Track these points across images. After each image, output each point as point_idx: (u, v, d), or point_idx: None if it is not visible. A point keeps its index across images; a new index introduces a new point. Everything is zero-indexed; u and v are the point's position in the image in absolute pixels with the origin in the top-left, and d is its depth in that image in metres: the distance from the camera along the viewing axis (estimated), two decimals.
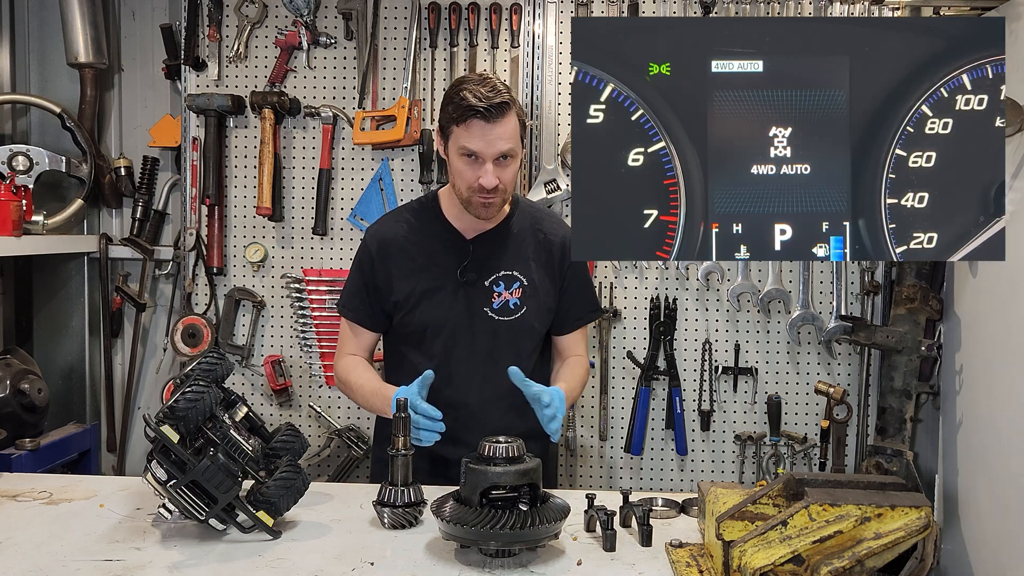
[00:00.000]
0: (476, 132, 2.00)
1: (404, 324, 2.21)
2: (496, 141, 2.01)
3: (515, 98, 2.07)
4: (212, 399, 1.74)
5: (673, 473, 3.07)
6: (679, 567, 1.62)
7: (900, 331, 2.76)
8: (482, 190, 2.04)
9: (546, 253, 2.23)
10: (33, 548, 1.69)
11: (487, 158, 2.02)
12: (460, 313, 2.17)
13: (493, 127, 2.00)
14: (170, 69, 3.13)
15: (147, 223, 3.20)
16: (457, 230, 2.20)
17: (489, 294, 2.17)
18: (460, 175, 2.07)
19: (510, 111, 2.02)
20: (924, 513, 1.46)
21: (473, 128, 2.00)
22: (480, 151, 2.01)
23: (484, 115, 1.98)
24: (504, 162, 2.04)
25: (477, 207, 2.09)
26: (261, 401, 3.11)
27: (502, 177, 2.05)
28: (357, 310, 2.24)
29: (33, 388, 2.83)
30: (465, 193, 2.08)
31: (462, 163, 2.05)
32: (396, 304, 2.20)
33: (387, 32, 3.04)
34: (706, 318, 3.01)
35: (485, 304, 2.17)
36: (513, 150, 2.05)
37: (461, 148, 2.04)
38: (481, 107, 1.97)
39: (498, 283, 2.18)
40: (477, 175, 2.03)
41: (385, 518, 1.81)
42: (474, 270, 2.17)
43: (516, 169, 2.11)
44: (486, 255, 2.19)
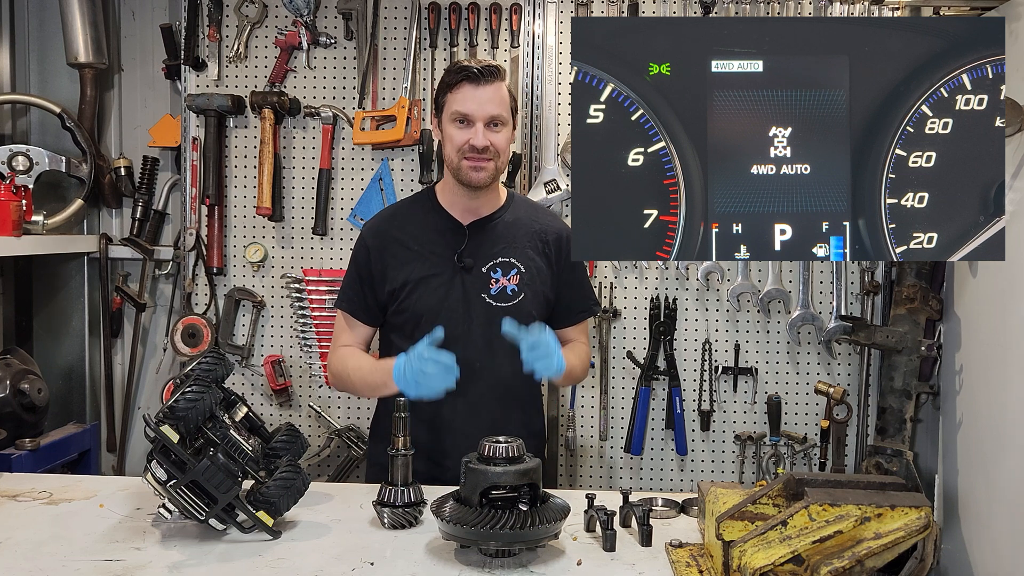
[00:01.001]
0: (467, 94, 2.08)
1: (400, 312, 2.19)
2: (486, 104, 2.08)
3: (506, 73, 2.17)
4: (212, 399, 1.74)
5: (673, 473, 3.07)
6: (679, 567, 1.62)
7: (900, 331, 2.76)
8: (472, 150, 2.09)
9: (542, 243, 2.24)
10: (33, 548, 1.69)
11: (478, 119, 2.08)
12: (457, 299, 2.16)
13: (484, 89, 2.08)
14: (170, 69, 3.13)
15: (147, 223, 3.19)
16: (453, 217, 2.21)
17: (487, 280, 2.17)
18: (451, 140, 2.12)
19: (499, 79, 2.11)
20: (924, 513, 1.46)
21: (464, 91, 2.08)
22: (471, 112, 2.08)
23: (475, 78, 2.07)
24: (495, 128, 2.10)
25: (467, 171, 2.11)
26: (261, 401, 3.11)
27: (493, 140, 2.10)
28: (351, 301, 2.24)
29: (33, 388, 2.83)
30: (455, 158, 2.12)
31: (453, 129, 2.11)
32: (392, 293, 2.19)
33: (387, 32, 3.04)
34: (706, 318, 3.01)
35: (483, 290, 2.17)
36: (503, 117, 2.11)
37: (453, 113, 2.10)
38: (473, 69, 2.07)
39: (495, 269, 2.18)
40: (467, 137, 2.09)
41: (385, 518, 1.81)
42: (471, 255, 2.18)
43: (507, 138, 2.15)
44: (482, 241, 2.19)
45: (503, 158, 2.15)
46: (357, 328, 2.26)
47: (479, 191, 2.17)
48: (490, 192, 2.21)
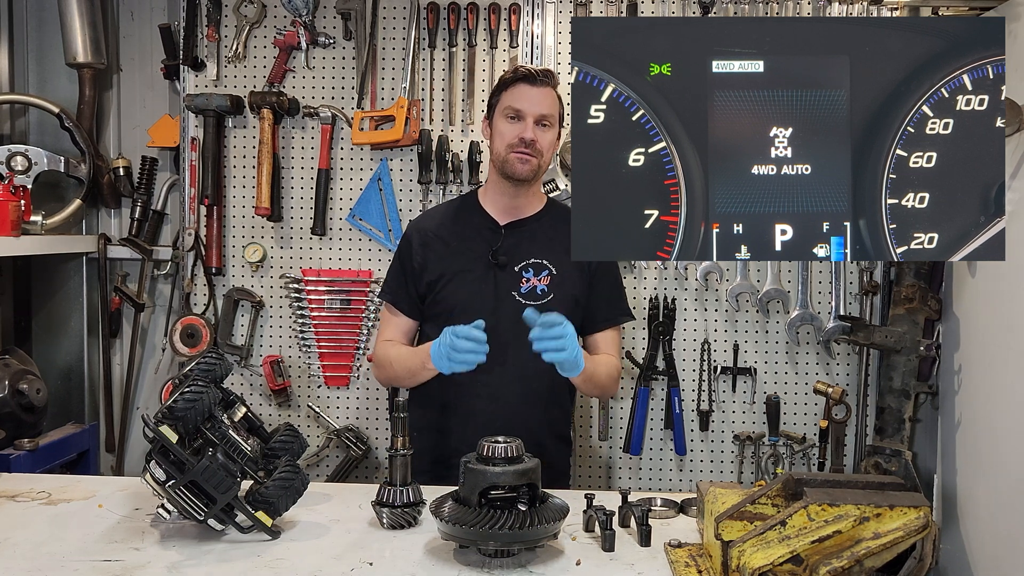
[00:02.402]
0: (522, 93, 2.21)
1: (434, 303, 2.28)
2: (540, 101, 2.21)
3: (559, 82, 2.29)
4: (211, 399, 1.74)
5: (672, 473, 3.07)
6: (678, 567, 1.62)
7: (899, 331, 2.76)
8: (521, 143, 2.19)
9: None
10: (32, 548, 1.69)
11: (529, 115, 2.20)
12: (488, 295, 2.24)
13: (538, 90, 2.21)
14: (169, 69, 3.12)
15: (146, 223, 3.19)
16: (492, 216, 2.31)
17: (518, 279, 2.25)
18: (501, 135, 2.23)
19: (553, 83, 2.24)
20: (923, 513, 1.46)
21: (520, 89, 2.21)
22: (524, 109, 2.20)
23: (531, 79, 2.21)
24: (544, 127, 2.22)
25: (514, 163, 2.21)
26: (260, 401, 3.11)
27: (540, 138, 2.21)
28: (394, 292, 2.35)
29: (32, 388, 2.82)
30: (503, 152, 2.22)
31: (505, 124, 2.23)
32: (429, 284, 2.28)
33: (386, 32, 3.04)
34: (705, 318, 3.01)
35: (513, 288, 2.25)
36: (552, 118, 2.24)
37: (506, 109, 2.22)
38: (531, 70, 2.22)
39: (527, 269, 2.26)
40: (518, 131, 2.20)
41: (384, 518, 1.81)
42: (505, 254, 2.26)
43: (553, 140, 2.27)
44: (518, 241, 2.28)
45: (546, 158, 2.25)
46: (399, 319, 2.34)
47: (520, 188, 2.27)
48: (530, 193, 2.31)
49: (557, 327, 2.03)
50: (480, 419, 2.19)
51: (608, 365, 2.30)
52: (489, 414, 2.21)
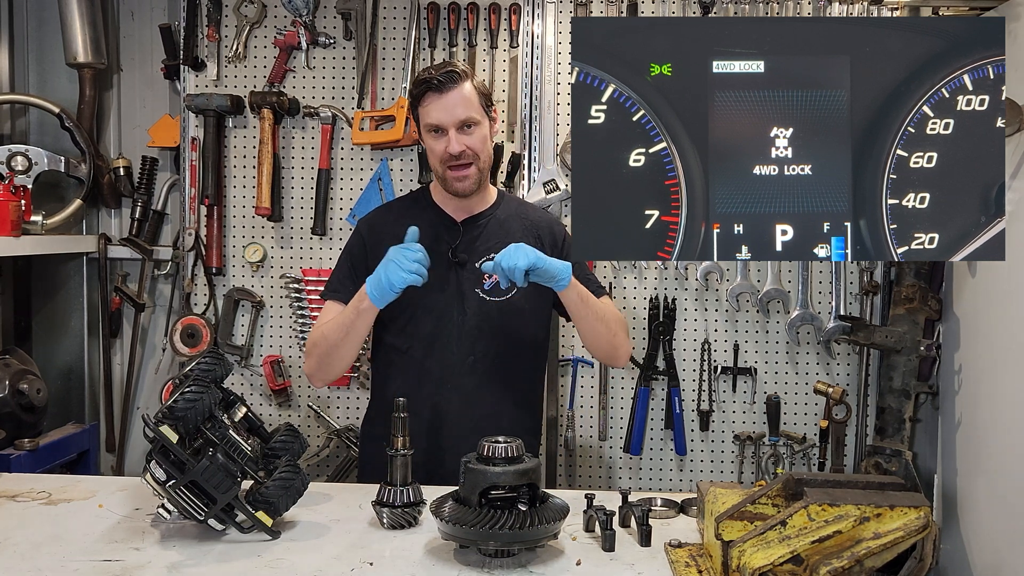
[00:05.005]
0: (433, 104, 2.12)
1: (394, 304, 2.12)
2: (453, 108, 2.11)
3: (470, 72, 2.18)
4: (211, 399, 1.74)
5: (672, 473, 3.07)
6: (678, 567, 1.62)
7: (899, 331, 2.76)
8: (450, 159, 2.13)
9: (535, 237, 2.27)
10: (32, 548, 1.69)
11: (448, 126, 2.12)
12: (452, 294, 2.20)
13: (447, 96, 2.11)
14: (169, 69, 3.12)
15: (146, 223, 3.19)
16: (447, 213, 2.26)
17: (480, 275, 2.21)
18: (432, 152, 2.17)
19: (462, 80, 2.12)
20: (923, 513, 1.46)
21: (430, 101, 2.12)
22: (440, 121, 2.12)
23: (436, 87, 2.10)
24: (467, 130, 2.13)
25: (451, 181, 2.16)
26: (260, 401, 3.11)
27: (468, 143, 2.14)
28: (338, 291, 2.23)
29: (32, 388, 2.82)
30: (439, 169, 2.17)
31: (431, 139, 2.16)
32: None
33: (386, 32, 3.04)
34: (705, 318, 3.01)
35: (476, 285, 2.21)
36: (473, 117, 2.13)
37: (426, 126, 2.15)
38: (433, 78, 2.10)
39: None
40: (443, 145, 2.13)
41: (384, 518, 1.81)
42: (465, 251, 2.22)
43: (484, 137, 2.17)
44: (476, 237, 2.24)
45: (483, 157, 2.18)
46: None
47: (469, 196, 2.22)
48: (480, 191, 2.25)
49: (508, 250, 2.00)
50: (452, 419, 2.18)
51: (608, 305, 2.26)
52: (460, 414, 2.18)
